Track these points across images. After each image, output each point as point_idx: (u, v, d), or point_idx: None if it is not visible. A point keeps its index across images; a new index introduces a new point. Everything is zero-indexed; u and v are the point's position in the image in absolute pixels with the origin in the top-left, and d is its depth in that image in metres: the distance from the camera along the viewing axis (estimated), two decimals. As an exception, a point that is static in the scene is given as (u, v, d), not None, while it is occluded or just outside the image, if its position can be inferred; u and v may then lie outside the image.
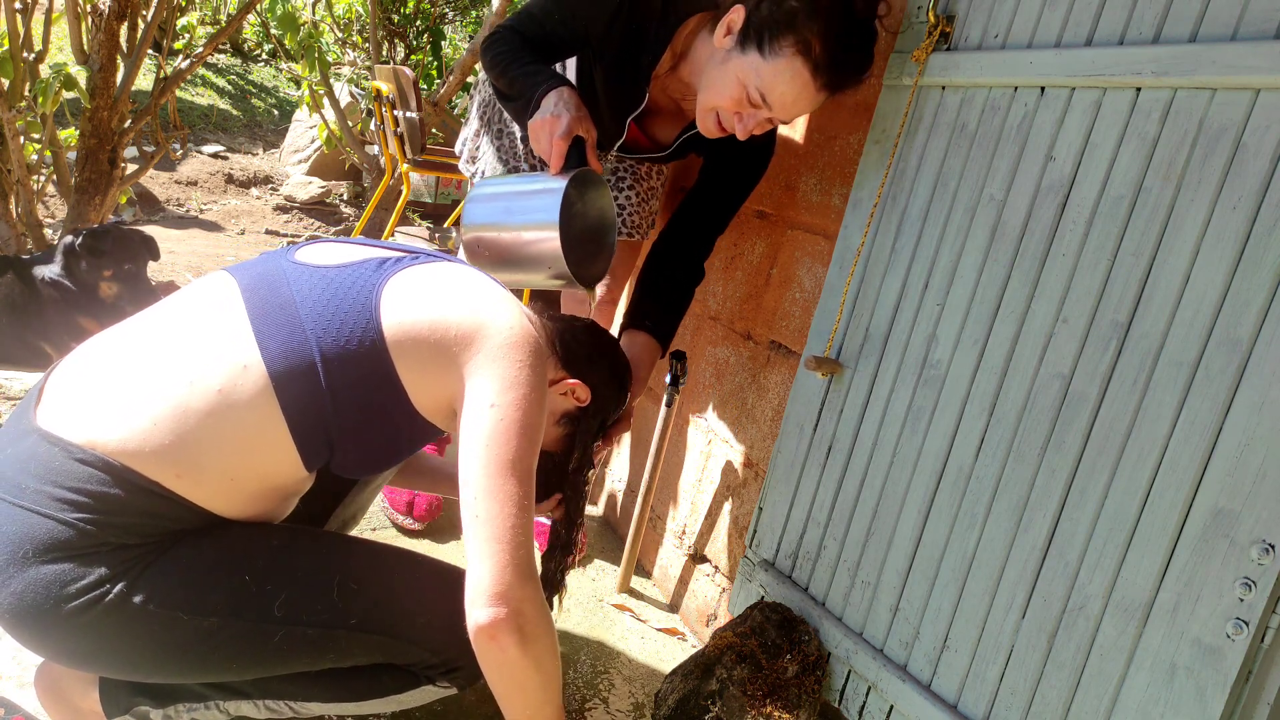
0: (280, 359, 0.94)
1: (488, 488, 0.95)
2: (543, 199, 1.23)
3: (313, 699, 1.08)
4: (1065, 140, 1.06)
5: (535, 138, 1.30)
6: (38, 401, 0.95)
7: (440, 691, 1.11)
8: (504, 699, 1.00)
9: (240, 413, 0.92)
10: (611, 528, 2.12)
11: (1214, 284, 0.90)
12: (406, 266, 1.04)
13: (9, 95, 2.79)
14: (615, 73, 1.44)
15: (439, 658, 1.06)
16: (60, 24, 3.14)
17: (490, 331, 0.99)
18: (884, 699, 1.19)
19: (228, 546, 0.96)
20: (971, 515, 1.11)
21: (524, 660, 0.94)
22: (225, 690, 1.06)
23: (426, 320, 0.98)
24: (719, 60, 1.30)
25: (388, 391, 0.98)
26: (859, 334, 1.31)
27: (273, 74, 8.30)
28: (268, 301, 0.98)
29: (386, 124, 3.98)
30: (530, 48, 1.40)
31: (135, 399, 0.92)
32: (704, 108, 1.34)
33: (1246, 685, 0.85)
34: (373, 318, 0.97)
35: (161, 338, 0.98)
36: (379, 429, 1.00)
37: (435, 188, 5.75)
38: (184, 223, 5.12)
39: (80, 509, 0.88)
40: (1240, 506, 0.85)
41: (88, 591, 0.88)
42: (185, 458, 0.91)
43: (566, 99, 1.29)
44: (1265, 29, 0.87)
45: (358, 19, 6.26)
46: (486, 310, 1.00)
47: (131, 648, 0.93)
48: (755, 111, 1.29)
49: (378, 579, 1.04)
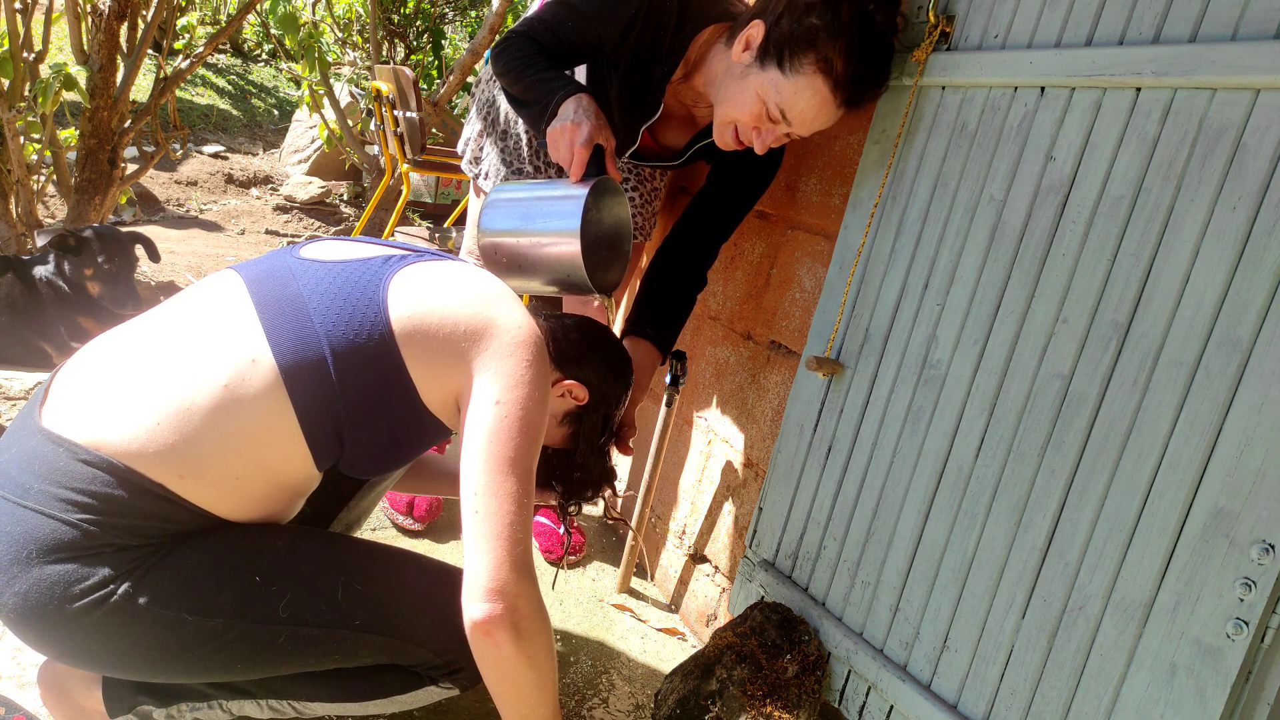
0: (290, 352, 0.94)
1: (488, 484, 0.95)
2: (563, 205, 1.23)
3: (316, 699, 1.08)
4: (1065, 140, 1.06)
5: (554, 144, 1.29)
6: (43, 402, 0.95)
7: (443, 693, 1.11)
8: (499, 697, 1.00)
9: (248, 408, 0.92)
10: (611, 528, 2.12)
11: (1214, 284, 0.90)
12: (413, 263, 1.05)
13: (9, 95, 2.79)
14: (629, 82, 1.44)
15: (442, 659, 1.06)
16: (60, 24, 3.14)
17: (498, 329, 0.99)
18: (884, 699, 1.19)
19: (232, 547, 0.96)
20: (971, 515, 1.11)
21: (518, 657, 0.95)
22: (229, 690, 1.06)
23: (436, 315, 0.98)
24: (737, 74, 1.30)
25: (396, 386, 0.98)
26: (859, 334, 1.31)
27: (273, 74, 8.30)
28: (276, 295, 0.98)
29: (386, 124, 3.98)
30: (544, 54, 1.40)
31: (139, 399, 0.91)
32: (722, 121, 1.34)
33: (1246, 685, 0.85)
34: (381, 311, 0.97)
35: (167, 336, 0.98)
36: (387, 425, 1.01)
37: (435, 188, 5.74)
38: (184, 223, 5.12)
39: (84, 510, 0.88)
40: (1240, 506, 0.85)
41: (92, 592, 0.88)
42: (190, 458, 0.91)
43: (586, 106, 1.28)
44: (1265, 29, 0.87)
45: (358, 19, 6.26)
46: (494, 307, 1.01)
47: (136, 648, 0.93)
48: (774, 127, 1.29)
49: (383, 580, 1.05)
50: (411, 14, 6.35)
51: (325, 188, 5.69)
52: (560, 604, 1.74)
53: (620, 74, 1.44)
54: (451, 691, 1.11)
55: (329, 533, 1.13)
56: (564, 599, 1.76)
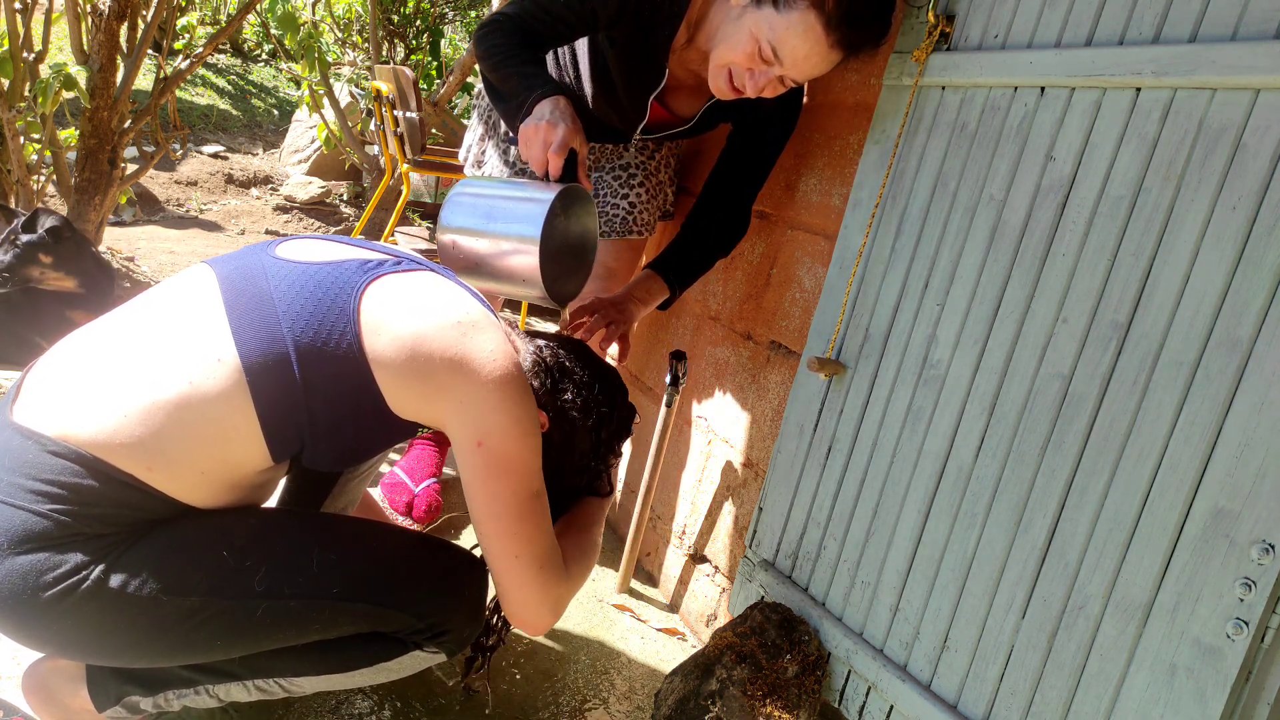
0: (255, 352, 0.94)
1: (496, 530, 1.03)
2: (527, 209, 1.19)
3: (301, 674, 1.07)
4: (1065, 140, 1.06)
5: (525, 143, 1.28)
6: (15, 399, 0.96)
7: (430, 657, 1.10)
8: None
9: (211, 405, 0.93)
10: (611, 528, 2.12)
11: (1214, 284, 0.90)
12: (389, 272, 1.03)
13: (9, 95, 2.79)
14: (630, 52, 1.43)
15: (424, 622, 1.06)
16: (60, 24, 3.14)
17: (474, 364, 0.98)
18: (884, 699, 1.19)
19: (205, 526, 0.97)
20: (971, 515, 1.11)
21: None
22: (213, 673, 1.06)
23: (409, 340, 0.97)
24: (734, 17, 1.30)
25: (364, 394, 0.98)
26: (859, 334, 1.31)
27: (273, 74, 8.30)
28: (244, 294, 0.98)
29: (386, 124, 3.98)
30: (531, 40, 1.38)
31: (107, 392, 0.92)
32: (716, 65, 1.33)
33: (1246, 685, 0.85)
34: (352, 322, 0.97)
35: (137, 331, 0.98)
36: (353, 425, 1.01)
37: (435, 188, 5.74)
38: (184, 223, 5.12)
39: (55, 500, 0.88)
40: (1240, 506, 0.85)
41: (65, 579, 0.89)
42: (156, 451, 0.91)
43: (563, 109, 1.27)
44: (1265, 29, 0.87)
45: (358, 19, 6.26)
46: (471, 339, 0.99)
47: (114, 632, 0.93)
48: (768, 69, 1.28)
49: (358, 548, 1.05)
50: (411, 14, 6.35)
51: (325, 188, 5.69)
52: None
53: (620, 48, 1.43)
54: (438, 656, 1.10)
55: (303, 511, 1.14)
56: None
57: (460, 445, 1.01)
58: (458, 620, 1.08)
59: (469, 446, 1.00)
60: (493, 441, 0.99)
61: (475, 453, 1.00)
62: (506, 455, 1.00)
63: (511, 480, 1.01)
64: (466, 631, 1.10)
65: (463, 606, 1.09)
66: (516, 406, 1.01)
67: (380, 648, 1.08)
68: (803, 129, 1.59)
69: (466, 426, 0.99)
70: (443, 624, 1.07)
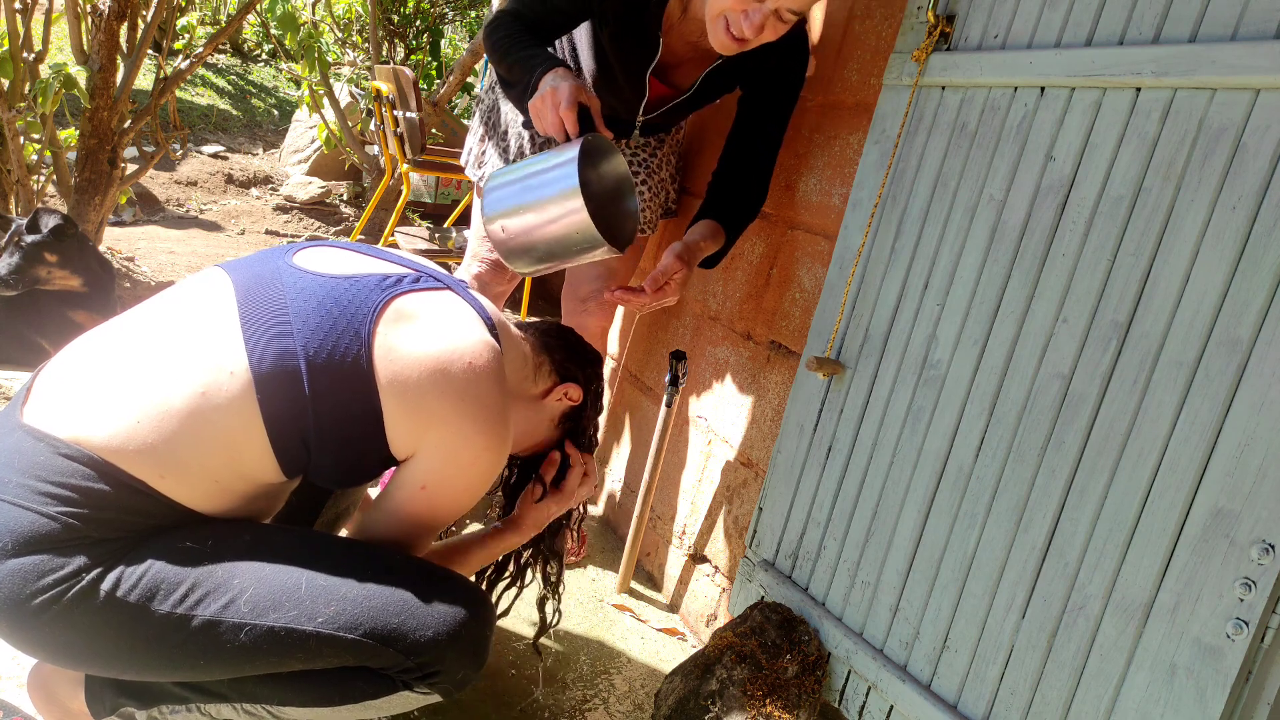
0: (266, 362, 0.94)
1: (386, 530, 1.06)
2: (557, 169, 1.21)
3: (287, 703, 1.04)
4: (1065, 140, 1.06)
5: (538, 116, 1.30)
6: (25, 400, 0.95)
7: (421, 698, 1.05)
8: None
9: (222, 414, 0.93)
10: (611, 528, 2.12)
11: (1214, 284, 0.90)
12: (407, 291, 1.02)
13: (9, 95, 2.79)
14: (623, 30, 1.45)
15: (413, 660, 1.01)
16: (60, 24, 3.14)
17: (467, 416, 1.00)
18: (884, 699, 1.19)
19: (199, 539, 0.96)
20: (971, 515, 1.11)
21: None
22: (203, 692, 1.04)
23: (417, 371, 0.98)
24: None
25: (368, 419, 0.98)
26: (859, 334, 1.31)
27: (273, 74, 8.30)
28: (260, 304, 0.98)
29: (386, 124, 3.98)
30: (531, 30, 1.42)
31: (121, 397, 0.92)
32: (712, 17, 1.33)
33: (1246, 685, 0.85)
34: (365, 344, 0.97)
35: (151, 336, 0.98)
36: (357, 445, 1.01)
37: (435, 188, 5.74)
38: (184, 223, 5.12)
39: (65, 503, 0.88)
40: (1240, 506, 0.85)
41: (59, 584, 0.88)
42: (169, 458, 0.91)
43: (562, 74, 1.30)
44: (1265, 29, 0.87)
45: (358, 19, 6.26)
46: (473, 386, 1.00)
47: (100, 640, 0.92)
48: (760, 5, 1.28)
49: (349, 578, 1.01)
50: (411, 14, 6.35)
51: (325, 188, 5.69)
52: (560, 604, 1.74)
53: (612, 27, 1.45)
54: (430, 697, 1.05)
55: (300, 529, 1.12)
56: (564, 599, 1.75)
57: (409, 475, 1.02)
58: (452, 662, 1.01)
59: (414, 482, 1.02)
60: (439, 492, 1.03)
61: (416, 493, 1.03)
62: (440, 507, 1.04)
63: (425, 521, 1.05)
64: (461, 674, 1.04)
65: (457, 647, 1.02)
66: (488, 468, 1.03)
67: (367, 684, 1.03)
68: (803, 129, 1.59)
69: (430, 468, 1.01)
70: (434, 664, 1.01)
